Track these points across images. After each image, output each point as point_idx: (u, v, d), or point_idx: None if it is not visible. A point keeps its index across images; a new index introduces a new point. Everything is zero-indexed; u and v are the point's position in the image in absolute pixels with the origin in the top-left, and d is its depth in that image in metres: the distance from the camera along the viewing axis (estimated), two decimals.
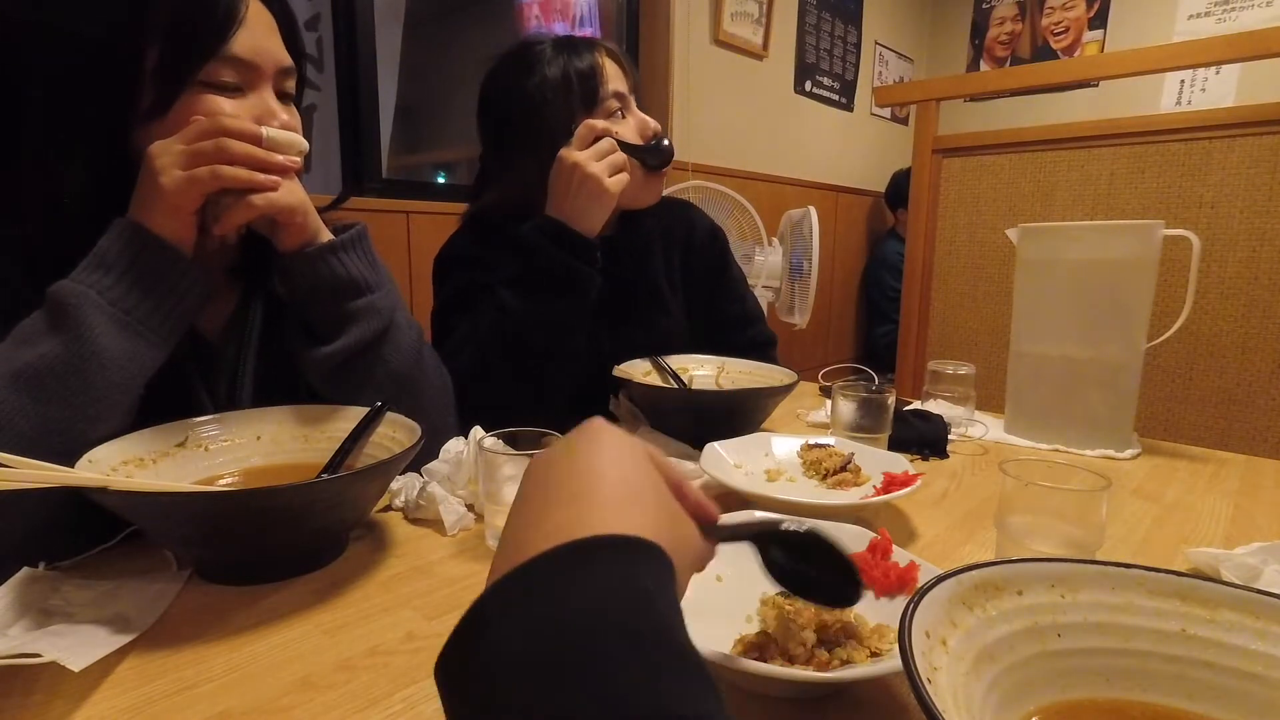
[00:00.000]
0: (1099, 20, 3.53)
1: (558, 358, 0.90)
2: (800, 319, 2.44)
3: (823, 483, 0.74)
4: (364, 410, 0.66)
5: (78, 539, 0.56)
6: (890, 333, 2.53)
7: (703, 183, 2.33)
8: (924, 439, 0.91)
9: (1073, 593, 0.37)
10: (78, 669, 0.39)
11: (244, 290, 0.76)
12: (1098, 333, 0.93)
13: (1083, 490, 0.52)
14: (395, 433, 0.65)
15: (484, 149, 1.06)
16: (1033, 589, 0.37)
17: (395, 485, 0.68)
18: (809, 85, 3.21)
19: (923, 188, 1.97)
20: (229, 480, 0.63)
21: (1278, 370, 1.51)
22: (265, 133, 0.62)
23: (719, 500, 0.72)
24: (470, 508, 0.65)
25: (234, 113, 0.63)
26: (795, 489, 0.73)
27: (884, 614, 0.45)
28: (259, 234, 0.69)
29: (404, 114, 2.07)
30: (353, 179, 1.87)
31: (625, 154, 0.92)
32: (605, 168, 0.88)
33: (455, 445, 0.69)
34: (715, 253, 1.20)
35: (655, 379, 0.98)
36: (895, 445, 0.86)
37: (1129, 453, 0.92)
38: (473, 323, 0.92)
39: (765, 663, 0.40)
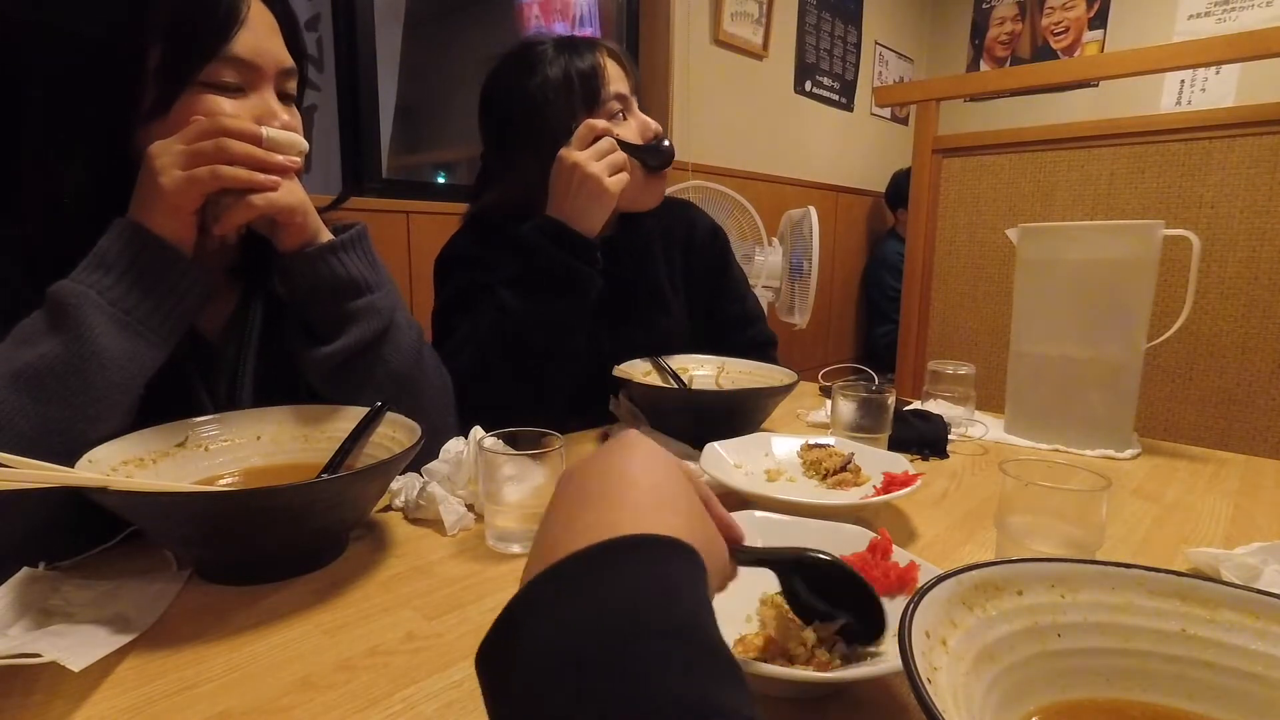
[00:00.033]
0: (1099, 20, 3.53)
1: (558, 358, 0.90)
2: (800, 319, 2.44)
3: (823, 483, 0.74)
4: (364, 410, 0.66)
5: (78, 539, 0.56)
6: (890, 333, 2.53)
7: (703, 183, 2.33)
8: (924, 439, 0.91)
9: (1073, 593, 0.37)
10: (78, 669, 0.39)
11: (244, 290, 0.76)
12: (1098, 333, 0.93)
13: (1083, 490, 0.52)
14: (395, 433, 0.65)
15: (485, 149, 1.06)
16: (1033, 589, 0.37)
17: (395, 485, 0.68)
18: (809, 85, 3.21)
19: (923, 188, 1.97)
20: (229, 480, 0.63)
21: (1278, 370, 1.51)
22: (265, 133, 0.62)
23: (719, 500, 0.72)
24: (470, 508, 0.65)
25: (234, 113, 0.63)
26: (795, 489, 0.73)
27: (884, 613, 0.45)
28: (259, 234, 0.69)
29: (404, 114, 2.07)
30: (353, 179, 1.87)
31: (625, 154, 0.92)
32: (605, 167, 0.88)
33: (455, 445, 0.69)
34: (716, 252, 1.20)
35: (655, 379, 0.98)
36: (895, 445, 0.86)
37: (1129, 453, 0.92)
38: (473, 323, 0.92)
39: (765, 663, 0.40)
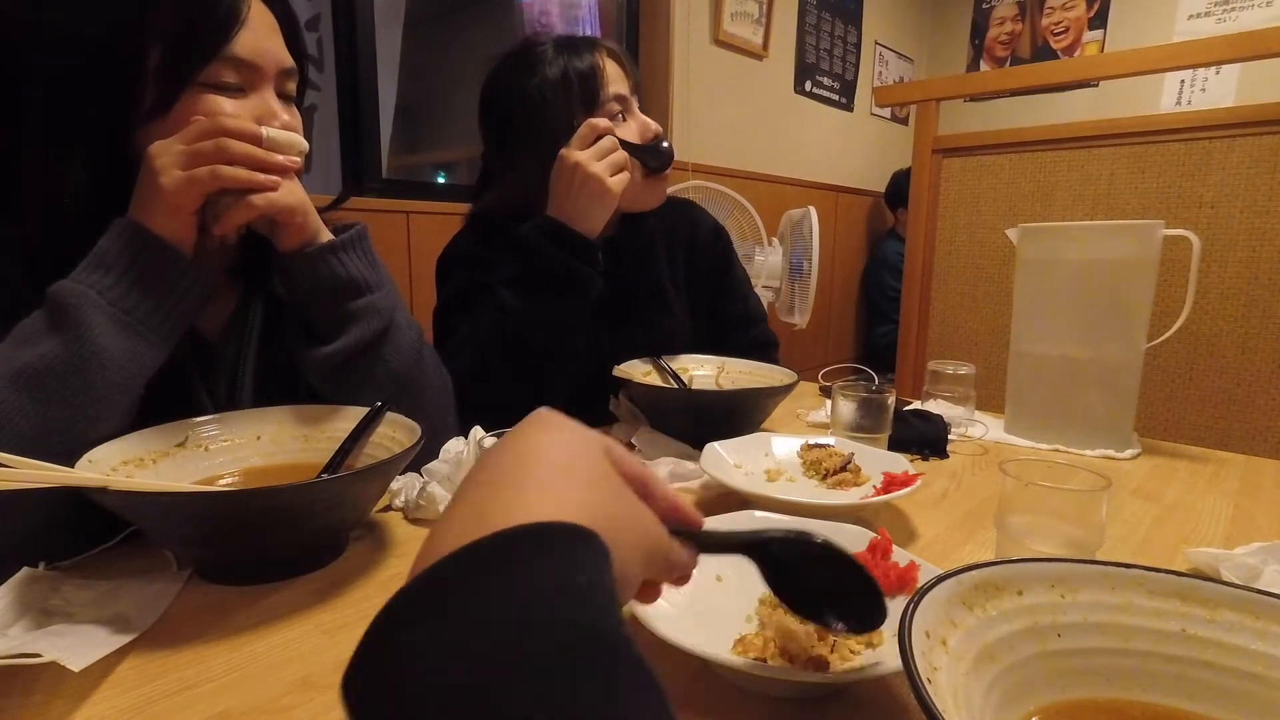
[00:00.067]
0: (1099, 20, 3.53)
1: (558, 358, 0.90)
2: (800, 319, 2.44)
3: (823, 483, 0.74)
4: (364, 410, 0.66)
5: (78, 539, 0.56)
6: (890, 333, 2.53)
7: (703, 183, 2.33)
8: (924, 439, 0.91)
9: (1073, 593, 0.37)
10: (78, 669, 0.39)
11: (244, 290, 0.76)
12: (1098, 333, 0.93)
13: (1083, 490, 0.52)
14: (395, 433, 0.65)
15: (486, 149, 1.06)
16: (1033, 589, 0.37)
17: (395, 485, 0.68)
18: (809, 85, 3.21)
19: (923, 188, 1.97)
20: (229, 480, 0.63)
21: (1278, 370, 1.51)
22: (265, 133, 0.62)
23: (719, 500, 0.72)
24: None
25: (235, 113, 0.63)
26: (795, 489, 0.73)
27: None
28: (259, 234, 0.69)
29: (404, 114, 2.07)
30: (353, 179, 1.87)
31: (627, 154, 0.92)
32: (607, 167, 0.88)
33: (455, 445, 0.69)
34: (719, 252, 1.19)
35: (655, 379, 0.98)
36: (895, 445, 0.86)
37: (1129, 453, 0.92)
38: (473, 323, 0.92)
39: (765, 662, 0.40)
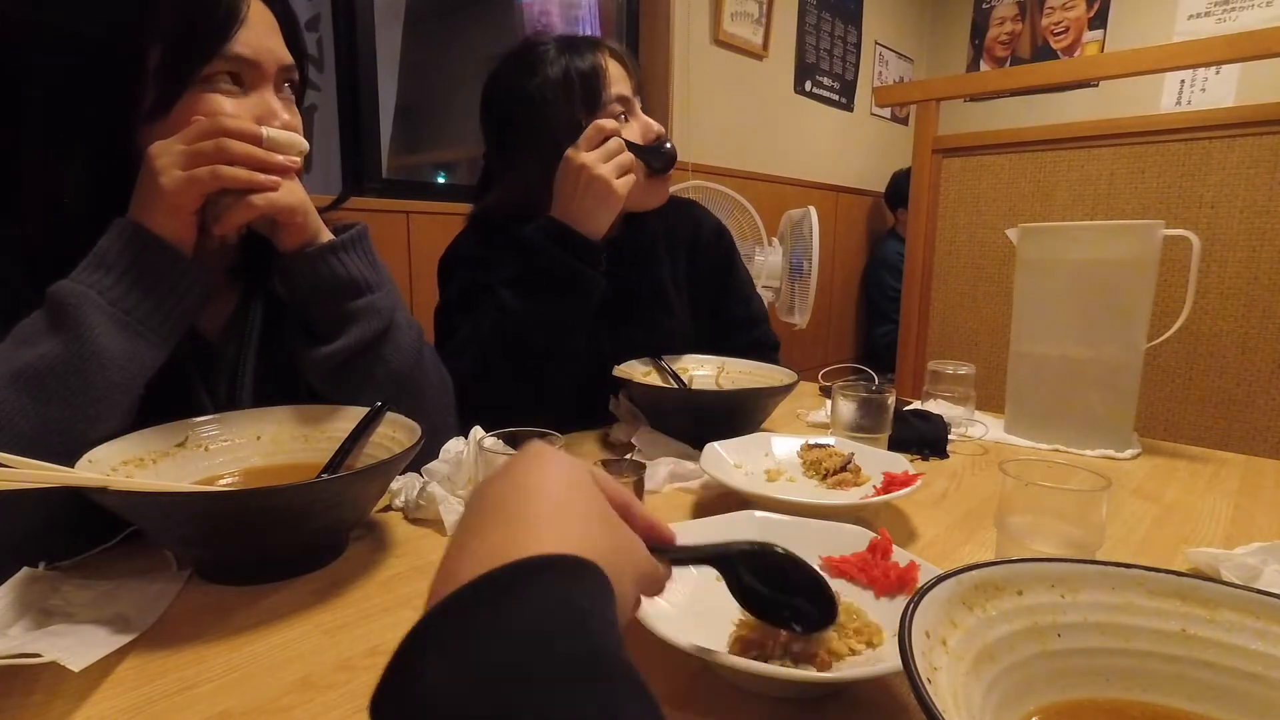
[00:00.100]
0: (1099, 20, 3.53)
1: (558, 358, 0.90)
2: (800, 319, 2.44)
3: (823, 483, 0.74)
4: (364, 410, 0.66)
5: (78, 539, 0.56)
6: (890, 333, 2.53)
7: (703, 183, 2.33)
8: (924, 439, 0.91)
9: (1073, 593, 0.37)
10: (78, 669, 0.39)
11: (244, 290, 0.76)
12: (1098, 333, 0.93)
13: (1083, 490, 0.52)
14: (395, 433, 0.65)
15: (487, 148, 1.06)
16: (1033, 589, 0.37)
17: (395, 485, 0.68)
18: (809, 85, 3.21)
19: (923, 188, 1.97)
20: (229, 480, 0.63)
21: (1278, 370, 1.51)
22: (265, 133, 0.62)
23: (719, 500, 0.72)
24: None
25: (235, 112, 0.63)
26: (795, 489, 0.73)
27: (884, 614, 0.45)
28: (259, 234, 0.69)
29: (404, 114, 2.07)
30: (353, 179, 1.87)
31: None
32: (613, 169, 0.87)
33: (455, 445, 0.69)
34: (721, 252, 1.19)
35: (655, 379, 0.98)
36: (895, 445, 0.86)
37: (1129, 453, 0.92)
38: (475, 323, 0.92)
39: (765, 663, 0.40)
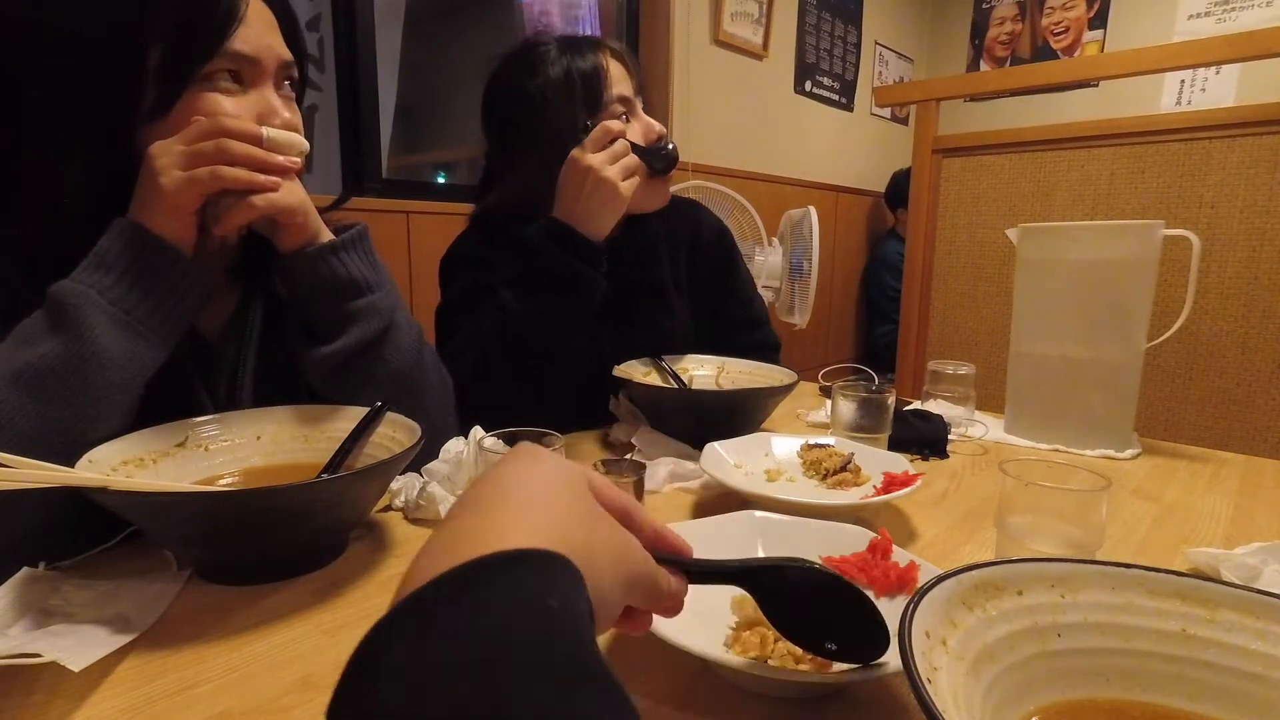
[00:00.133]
0: (1099, 20, 3.53)
1: (559, 359, 0.90)
2: (800, 319, 2.44)
3: (823, 483, 0.74)
4: (364, 410, 0.66)
5: (78, 539, 0.56)
6: (890, 333, 2.53)
7: (703, 183, 2.33)
8: (924, 439, 0.91)
9: (1073, 593, 0.37)
10: (78, 669, 0.39)
11: (244, 290, 0.76)
12: (1098, 333, 0.93)
13: (1083, 490, 0.52)
14: (395, 433, 0.65)
15: (488, 148, 1.06)
16: (1033, 589, 0.37)
17: (395, 485, 0.68)
18: (809, 85, 3.21)
19: (923, 188, 1.97)
20: (229, 480, 0.63)
21: (1278, 370, 1.51)
22: (266, 133, 0.62)
23: (719, 500, 0.72)
24: None
25: (235, 112, 0.63)
26: (795, 489, 0.73)
27: (884, 614, 0.45)
28: (259, 234, 0.69)
29: (404, 114, 2.07)
30: (353, 179, 1.87)
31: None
32: (619, 171, 0.86)
33: (455, 445, 0.69)
34: (722, 253, 1.19)
35: (655, 379, 0.98)
36: (895, 445, 0.86)
37: (1129, 453, 0.92)
38: (475, 323, 0.92)
39: (765, 662, 0.40)
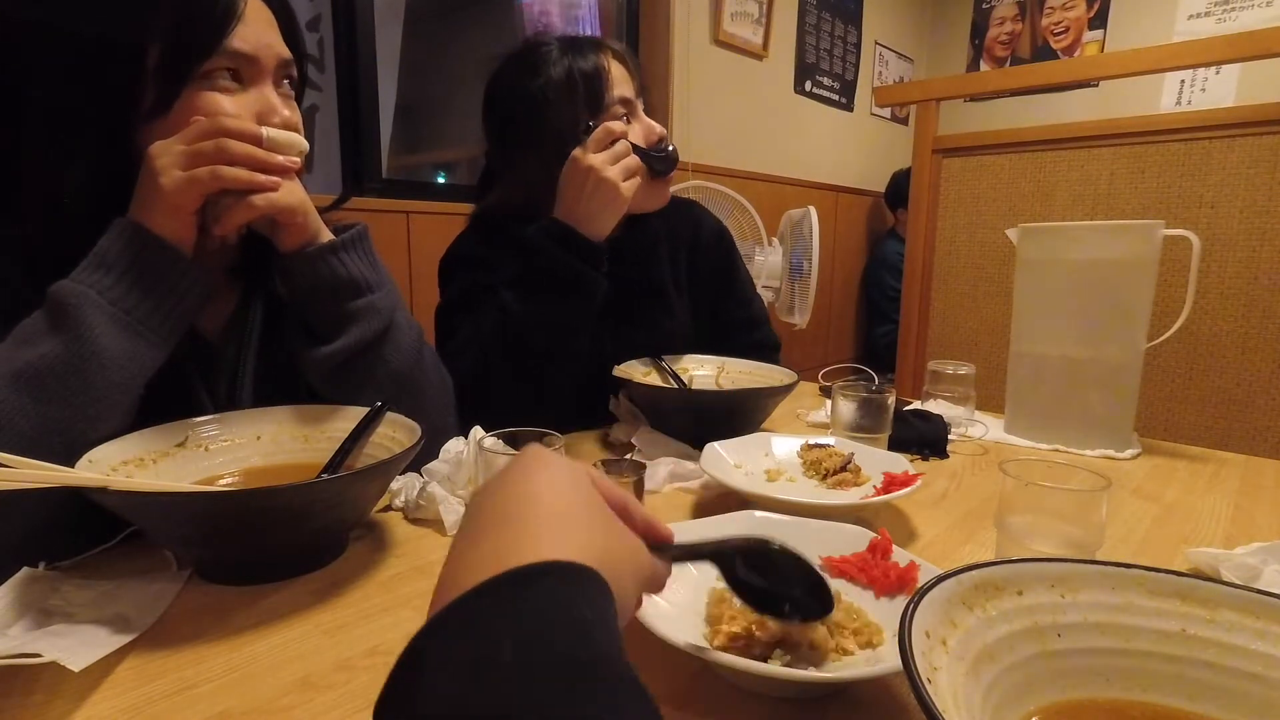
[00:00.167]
0: (1099, 20, 3.53)
1: (559, 359, 0.90)
2: (800, 319, 2.44)
3: (823, 483, 0.74)
4: (364, 410, 0.66)
5: (78, 539, 0.56)
6: (890, 333, 2.53)
7: (703, 183, 2.33)
8: (924, 439, 0.91)
9: (1073, 593, 0.37)
10: (78, 669, 0.39)
11: (244, 290, 0.76)
12: (1098, 333, 0.93)
13: (1083, 490, 0.52)
14: (395, 433, 0.65)
15: (489, 148, 1.06)
16: (1033, 589, 0.37)
17: (395, 485, 0.68)
18: (809, 85, 3.21)
19: (923, 188, 1.97)
20: (229, 480, 0.63)
21: (1278, 370, 1.51)
22: (266, 133, 0.62)
23: (719, 500, 0.72)
24: None
25: (235, 111, 0.63)
26: (795, 489, 0.73)
27: (884, 614, 0.45)
28: (259, 234, 0.69)
29: (404, 114, 2.07)
30: (353, 179, 1.87)
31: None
32: (620, 172, 0.87)
33: (455, 445, 0.69)
34: (722, 253, 1.19)
35: (655, 379, 0.98)
36: (895, 445, 0.86)
37: (1129, 453, 0.92)
38: (475, 323, 0.92)
39: (764, 662, 0.40)
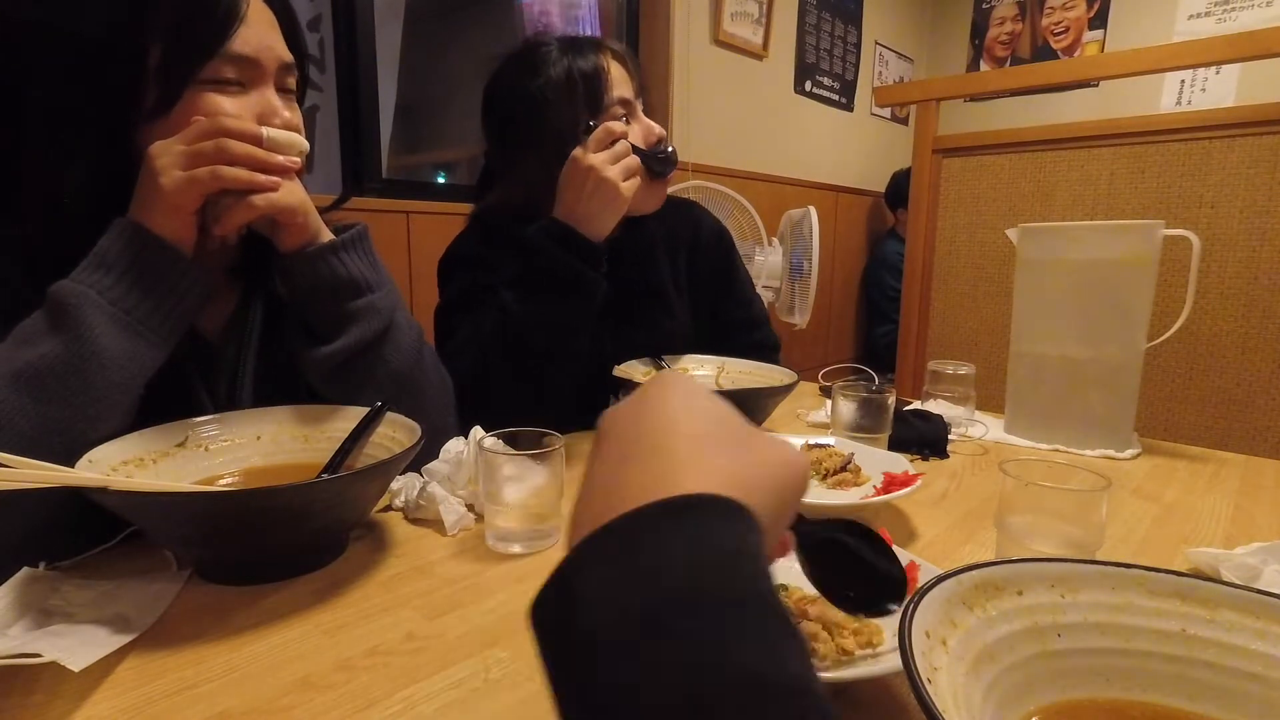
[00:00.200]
0: (1099, 20, 3.53)
1: (559, 359, 0.90)
2: (800, 319, 2.44)
3: (823, 483, 0.74)
4: (364, 410, 0.66)
5: (78, 539, 0.56)
6: (890, 333, 2.53)
7: (703, 183, 2.33)
8: (924, 439, 0.91)
9: (1073, 593, 0.37)
10: (78, 669, 0.39)
11: (244, 290, 0.76)
12: (1098, 333, 0.93)
13: (1083, 490, 0.52)
14: (395, 433, 0.65)
15: (488, 147, 1.06)
16: (1033, 589, 0.37)
17: (395, 485, 0.68)
18: (809, 85, 3.21)
19: (923, 188, 1.97)
20: (229, 480, 0.63)
21: (1278, 370, 1.51)
22: (266, 133, 0.62)
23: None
24: (470, 508, 0.65)
25: (236, 112, 0.63)
26: None
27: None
28: (259, 234, 0.69)
29: (404, 114, 2.07)
30: (353, 179, 1.87)
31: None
32: (620, 171, 0.86)
33: (455, 445, 0.69)
34: (721, 253, 1.19)
35: None
36: (895, 445, 0.86)
37: (1129, 453, 0.92)
38: (475, 323, 0.92)
39: None
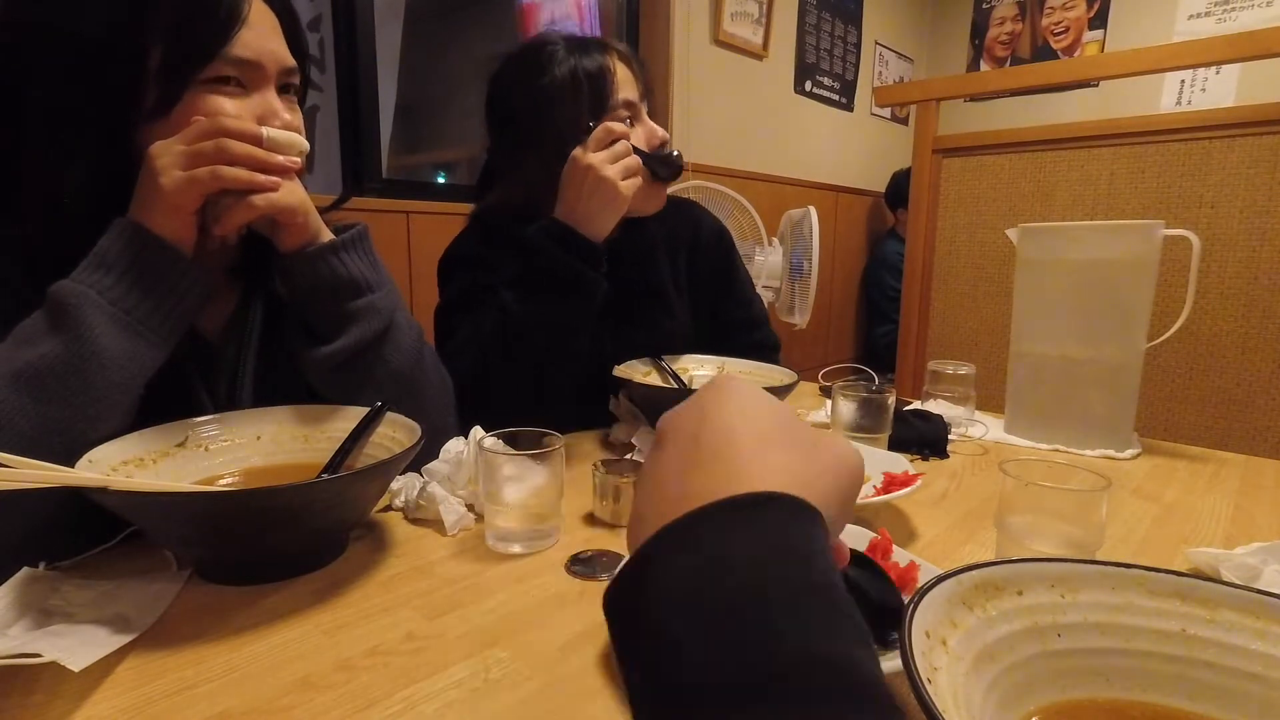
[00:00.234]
0: (1099, 20, 3.53)
1: (559, 359, 0.89)
2: (800, 319, 2.44)
3: None
4: (364, 410, 0.66)
5: (78, 539, 0.56)
6: (890, 333, 2.53)
7: (703, 183, 2.33)
8: (924, 439, 0.91)
9: (1073, 593, 0.37)
10: (78, 669, 0.39)
11: (244, 290, 0.76)
12: (1098, 333, 0.93)
13: (1083, 490, 0.52)
14: (395, 433, 0.65)
15: (490, 146, 1.06)
16: (1033, 589, 0.37)
17: (395, 485, 0.68)
18: (809, 85, 3.21)
19: (923, 188, 1.97)
20: (229, 480, 0.63)
21: (1278, 370, 1.51)
22: (266, 133, 0.62)
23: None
24: (470, 508, 0.65)
25: (236, 112, 0.63)
26: None
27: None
28: (259, 234, 0.69)
29: (404, 114, 2.07)
30: (353, 179, 1.87)
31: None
32: (620, 171, 0.86)
33: (455, 445, 0.69)
34: (721, 254, 1.19)
35: (655, 379, 0.98)
36: (895, 445, 0.86)
37: (1129, 453, 0.92)
38: (475, 323, 0.92)
39: None
